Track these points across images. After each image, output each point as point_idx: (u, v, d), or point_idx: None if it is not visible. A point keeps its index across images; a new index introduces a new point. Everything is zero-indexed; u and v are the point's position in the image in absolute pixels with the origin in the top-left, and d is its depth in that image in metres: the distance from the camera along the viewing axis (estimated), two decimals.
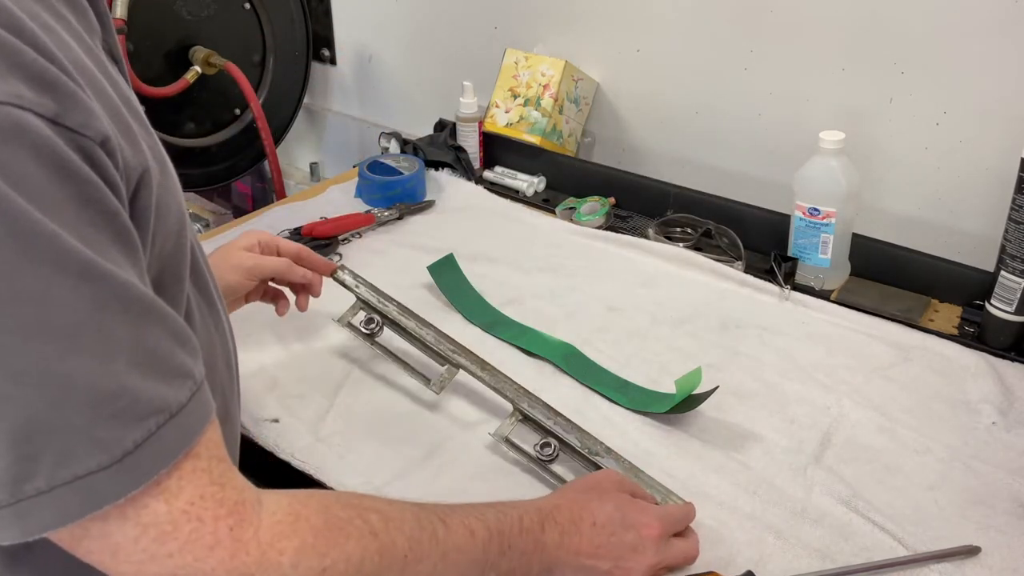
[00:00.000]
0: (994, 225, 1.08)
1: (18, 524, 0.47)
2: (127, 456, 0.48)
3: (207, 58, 1.62)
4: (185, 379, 0.51)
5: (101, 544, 0.50)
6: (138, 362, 0.48)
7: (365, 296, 0.98)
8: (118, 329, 0.48)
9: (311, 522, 0.56)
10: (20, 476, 0.46)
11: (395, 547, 0.59)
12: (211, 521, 0.51)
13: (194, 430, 0.52)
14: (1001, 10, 1.10)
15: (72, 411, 0.46)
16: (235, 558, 0.52)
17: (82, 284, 0.46)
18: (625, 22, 1.46)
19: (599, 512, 0.72)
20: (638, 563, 0.71)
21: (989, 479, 0.86)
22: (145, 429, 0.48)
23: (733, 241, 1.24)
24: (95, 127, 0.48)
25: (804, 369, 1.02)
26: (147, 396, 0.49)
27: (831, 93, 1.27)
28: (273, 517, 0.54)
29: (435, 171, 1.49)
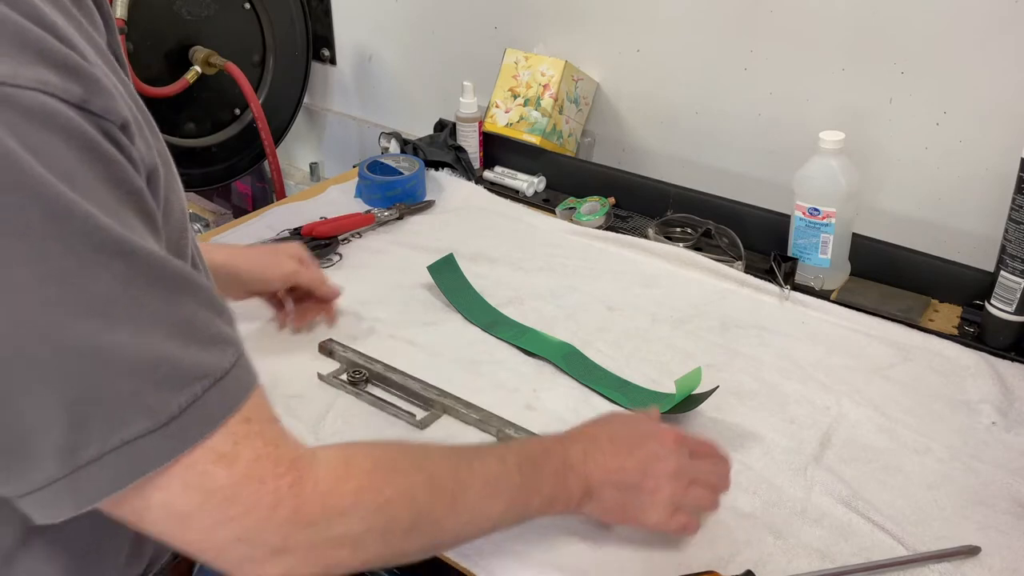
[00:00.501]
0: (994, 225, 1.08)
1: (71, 496, 0.49)
2: (173, 420, 0.49)
3: (207, 58, 1.62)
4: (226, 346, 0.53)
5: (166, 514, 0.52)
6: (176, 332, 0.50)
7: (353, 358, 1.01)
8: (153, 302, 0.49)
9: (362, 465, 0.59)
10: (73, 446, 0.48)
11: (441, 479, 0.63)
12: (271, 480, 0.54)
13: (239, 395, 0.54)
14: (1001, 10, 1.10)
15: (118, 380, 0.48)
16: (299, 512, 0.54)
17: (116, 261, 0.47)
18: (625, 22, 1.46)
19: (615, 430, 0.75)
20: (664, 469, 0.73)
21: (989, 479, 0.86)
22: (190, 394, 0.50)
23: (733, 241, 1.24)
24: (117, 111, 0.50)
25: (804, 369, 1.02)
26: (188, 363, 0.50)
27: (831, 93, 1.27)
28: (327, 465, 0.57)
29: (435, 171, 1.49)
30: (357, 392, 0.97)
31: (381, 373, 0.98)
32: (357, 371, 0.99)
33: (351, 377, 0.98)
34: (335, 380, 0.98)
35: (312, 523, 0.55)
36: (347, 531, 0.57)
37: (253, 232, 1.29)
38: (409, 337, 1.07)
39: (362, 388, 0.97)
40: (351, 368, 1.00)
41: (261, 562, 0.55)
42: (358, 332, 1.08)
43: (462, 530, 0.66)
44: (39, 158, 0.45)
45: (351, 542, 0.58)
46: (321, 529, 0.56)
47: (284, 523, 0.54)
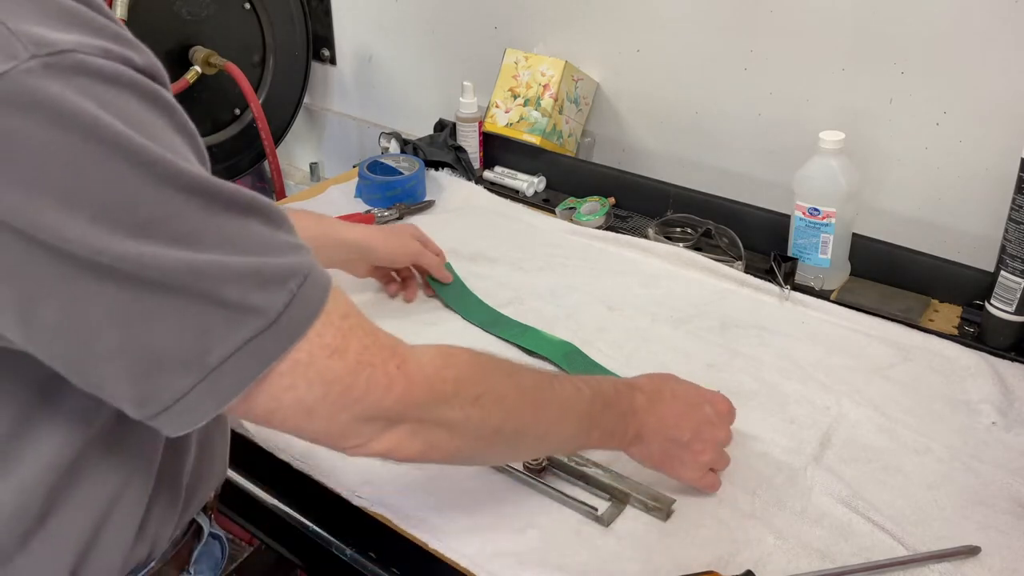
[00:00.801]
0: (994, 225, 1.08)
1: (211, 397, 0.54)
2: (280, 316, 0.54)
3: (207, 58, 1.62)
4: (299, 249, 0.57)
5: (296, 410, 0.58)
6: (258, 247, 0.54)
7: None
8: (232, 225, 0.54)
9: (461, 359, 0.67)
10: (202, 351, 0.52)
11: (526, 388, 0.71)
12: (380, 364, 0.60)
13: (325, 287, 0.58)
14: (1001, 10, 1.10)
15: (225, 289, 0.52)
16: (410, 391, 0.62)
17: (195, 196, 0.52)
18: (625, 22, 1.46)
19: (676, 387, 0.82)
20: (713, 436, 0.81)
21: (989, 479, 0.86)
22: (288, 291, 0.55)
23: (733, 241, 1.24)
24: (162, 74, 0.55)
25: (804, 369, 1.02)
26: (278, 267, 0.55)
27: (831, 93, 1.27)
28: (428, 355, 0.64)
29: (435, 171, 1.49)
30: None
31: None
32: None
33: None
34: None
35: (420, 402, 0.62)
36: (448, 415, 0.64)
37: None
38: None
39: None
40: None
41: (376, 437, 0.62)
42: None
43: (538, 442, 0.74)
44: (116, 114, 0.49)
45: (449, 425, 0.65)
46: (427, 409, 0.63)
47: (398, 400, 0.61)
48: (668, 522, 0.80)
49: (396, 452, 0.64)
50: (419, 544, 0.79)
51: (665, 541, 0.79)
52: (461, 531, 0.79)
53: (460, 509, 0.82)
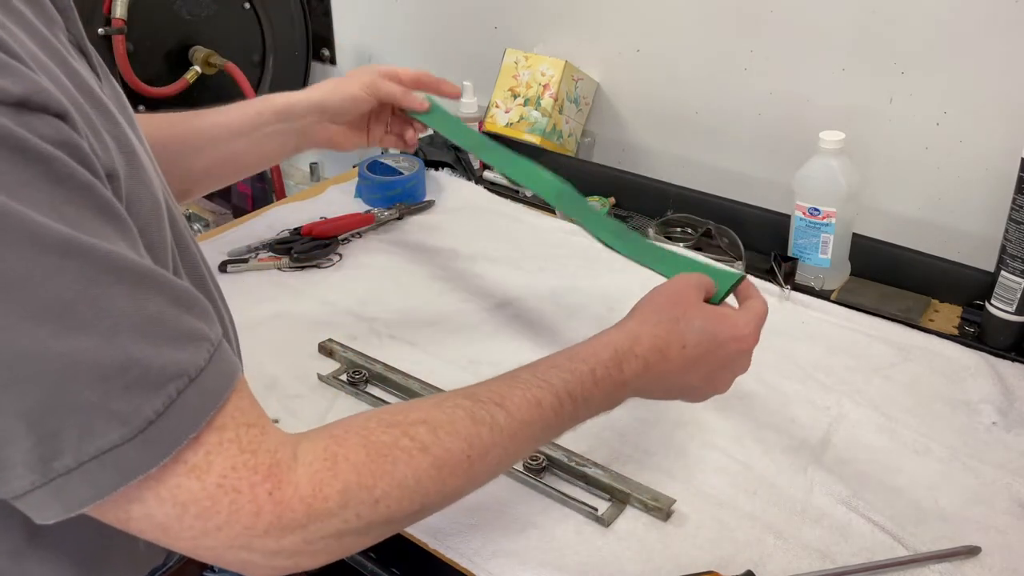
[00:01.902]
0: (994, 225, 1.08)
1: (58, 501, 0.48)
2: (150, 425, 0.47)
3: (207, 58, 1.63)
4: (200, 342, 0.51)
5: (149, 524, 0.51)
6: (143, 332, 0.48)
7: (352, 358, 1.00)
8: (114, 301, 0.47)
9: (351, 460, 0.55)
10: (46, 456, 0.46)
11: (452, 454, 0.59)
12: (248, 490, 0.51)
13: (219, 392, 0.51)
14: (1001, 10, 1.10)
15: (81, 388, 0.46)
16: (283, 518, 0.52)
17: (66, 260, 0.45)
18: (625, 22, 1.46)
19: (688, 332, 0.68)
20: (733, 374, 0.73)
21: (989, 479, 0.86)
22: (165, 396, 0.48)
23: (733, 241, 1.24)
24: (55, 105, 0.47)
25: (804, 369, 1.02)
26: (160, 363, 0.48)
27: (831, 93, 1.27)
28: (310, 468, 0.54)
29: (435, 171, 1.49)
30: (357, 392, 0.97)
31: (381, 373, 0.98)
32: (357, 371, 0.99)
33: (351, 377, 0.98)
34: (335, 380, 0.98)
35: (300, 526, 0.53)
36: (343, 527, 0.55)
37: (253, 232, 1.29)
38: (409, 337, 1.07)
39: (362, 388, 0.97)
40: (351, 368, 1.00)
41: (263, 564, 0.54)
42: (358, 332, 1.08)
43: (483, 484, 0.64)
44: None
45: (352, 532, 0.56)
46: (312, 531, 0.54)
47: (271, 528, 0.52)
48: (668, 522, 0.80)
49: (298, 570, 0.55)
50: (419, 544, 0.79)
51: (665, 541, 0.79)
52: (461, 531, 0.79)
53: (460, 509, 0.82)
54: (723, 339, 0.70)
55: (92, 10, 1.46)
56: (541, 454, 0.86)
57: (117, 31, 1.48)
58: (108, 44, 1.49)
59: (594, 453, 0.87)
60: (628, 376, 0.67)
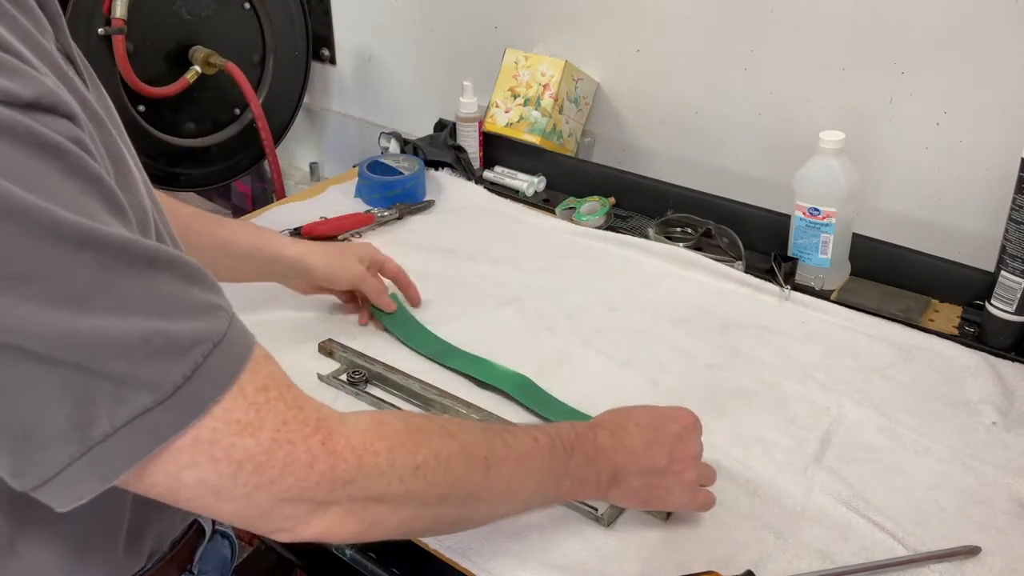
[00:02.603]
0: (994, 225, 1.08)
1: (95, 472, 0.49)
2: (178, 389, 0.49)
3: (207, 58, 1.62)
4: (216, 310, 0.52)
5: (201, 489, 0.52)
6: (159, 310, 0.49)
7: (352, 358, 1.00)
8: (130, 285, 0.49)
9: (395, 426, 0.60)
10: (83, 423, 0.48)
11: (474, 448, 0.64)
12: (301, 441, 0.54)
13: (242, 355, 0.53)
14: (1001, 10, 1.10)
15: (108, 360, 0.47)
16: (335, 468, 0.55)
17: (83, 251, 0.47)
18: (625, 22, 1.46)
19: (636, 415, 0.78)
20: (688, 451, 0.77)
21: (989, 479, 0.86)
22: (191, 361, 0.50)
23: (733, 241, 1.24)
24: (64, 106, 0.49)
25: (804, 369, 1.02)
26: (181, 332, 0.50)
27: (831, 93, 1.27)
28: (358, 426, 0.58)
29: (435, 171, 1.49)
30: (357, 392, 0.97)
31: (381, 373, 0.98)
32: (357, 371, 0.99)
33: (351, 377, 0.98)
34: (335, 380, 0.98)
35: (350, 479, 0.56)
36: (385, 490, 0.58)
37: None
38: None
39: (361, 388, 0.97)
40: (351, 368, 1.00)
41: (304, 519, 0.56)
42: (358, 332, 1.08)
43: (495, 505, 0.68)
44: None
45: (388, 500, 0.59)
46: (359, 486, 0.57)
47: (323, 479, 0.55)
48: (668, 522, 0.80)
49: (330, 535, 0.58)
50: (419, 544, 0.79)
51: (665, 541, 0.79)
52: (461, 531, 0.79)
53: None
54: (666, 417, 0.79)
55: (92, 10, 1.46)
56: None
57: (117, 31, 1.48)
58: (108, 44, 1.49)
59: None
60: (602, 442, 0.73)
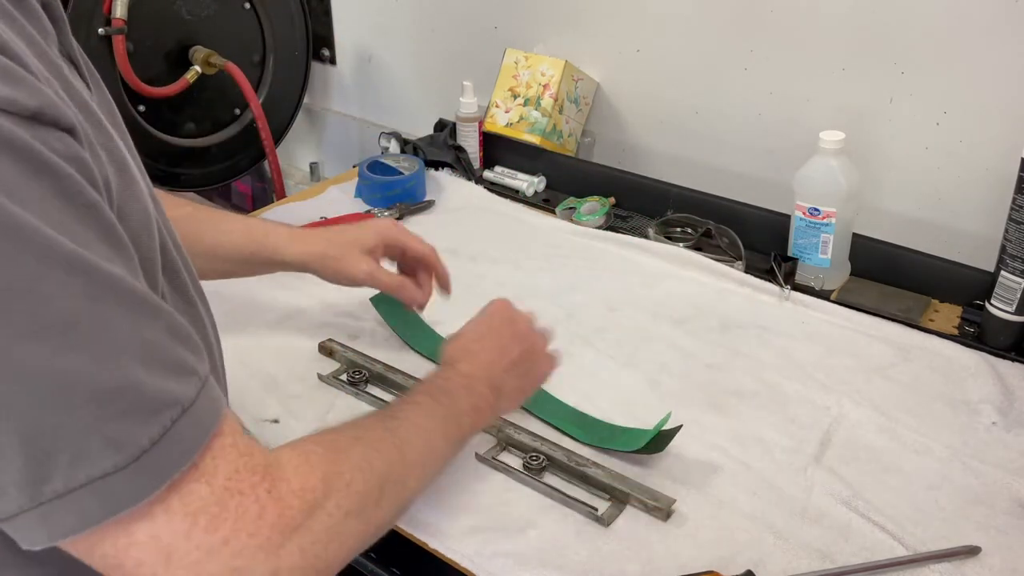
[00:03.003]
0: (994, 225, 1.08)
1: (43, 527, 0.47)
2: (144, 454, 0.46)
3: (207, 58, 1.62)
4: (190, 375, 0.50)
5: (152, 550, 0.49)
6: (141, 357, 0.47)
7: (353, 358, 1.00)
8: (116, 322, 0.46)
9: (318, 453, 0.59)
10: (36, 478, 0.45)
11: (381, 441, 0.64)
12: (250, 490, 0.52)
13: (210, 423, 0.51)
14: (1001, 10, 1.10)
15: (78, 409, 0.45)
16: (283, 516, 0.53)
17: (72, 277, 0.45)
18: (625, 22, 1.46)
19: (470, 334, 0.82)
20: (524, 329, 0.84)
21: (989, 479, 0.86)
22: (160, 425, 0.47)
23: (733, 241, 1.24)
24: (65, 119, 0.47)
25: (804, 369, 1.02)
26: (156, 390, 0.47)
27: (831, 93, 1.27)
28: (291, 463, 0.56)
29: (435, 171, 1.49)
30: (357, 392, 0.97)
31: (381, 373, 0.98)
32: (357, 371, 0.99)
33: (351, 377, 0.98)
34: (335, 380, 0.98)
35: (296, 525, 0.54)
36: (329, 523, 0.56)
37: None
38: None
39: (362, 388, 0.97)
40: (351, 368, 1.00)
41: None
42: (358, 332, 1.08)
43: (423, 474, 0.68)
44: None
45: (336, 534, 0.57)
46: (305, 532, 0.54)
47: (272, 531, 0.52)
48: (668, 522, 0.80)
49: None
50: (419, 544, 0.79)
51: (665, 541, 0.79)
52: (461, 531, 0.79)
53: (460, 509, 0.82)
54: (491, 317, 0.84)
55: (92, 10, 1.46)
56: (541, 454, 0.86)
57: (117, 31, 1.48)
58: (108, 44, 1.49)
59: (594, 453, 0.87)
60: (466, 371, 0.77)
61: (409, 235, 0.99)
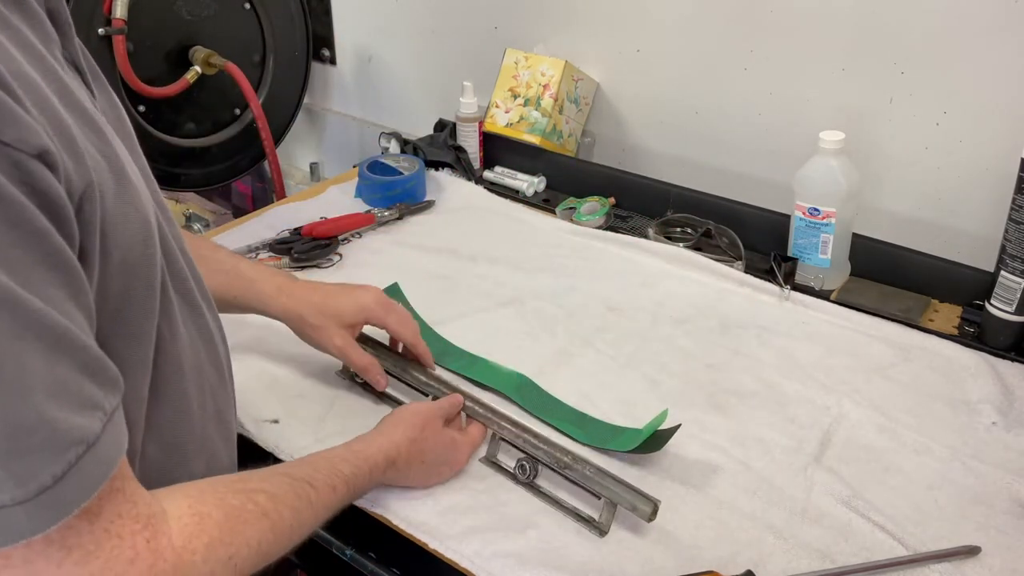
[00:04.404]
0: (994, 225, 1.08)
1: None
2: (46, 491, 0.47)
3: (207, 58, 1.62)
4: (95, 410, 0.50)
5: (22, 573, 0.50)
6: (53, 393, 0.48)
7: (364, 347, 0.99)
8: (34, 359, 0.47)
9: (213, 518, 0.60)
10: None
11: (283, 521, 0.66)
12: (129, 536, 0.53)
13: (112, 460, 0.51)
14: (1001, 10, 1.10)
15: None
16: (154, 567, 0.54)
17: (2, 312, 0.45)
18: (625, 22, 1.46)
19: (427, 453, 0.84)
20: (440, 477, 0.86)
21: (989, 479, 0.86)
22: (65, 462, 0.48)
23: (733, 241, 1.24)
24: (31, 141, 0.47)
25: (804, 369, 1.02)
26: (65, 427, 0.48)
27: (831, 93, 1.27)
28: (180, 521, 0.58)
29: (435, 171, 1.49)
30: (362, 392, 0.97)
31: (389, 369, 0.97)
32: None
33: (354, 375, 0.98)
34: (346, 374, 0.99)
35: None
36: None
37: (253, 232, 1.29)
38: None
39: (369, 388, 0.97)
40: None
41: None
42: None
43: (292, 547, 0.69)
44: None
45: None
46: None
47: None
48: (668, 522, 0.80)
49: None
50: (419, 544, 0.79)
51: (665, 541, 0.79)
52: (461, 531, 0.79)
53: (460, 509, 0.82)
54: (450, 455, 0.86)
55: (92, 10, 1.46)
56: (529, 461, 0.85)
57: (117, 31, 1.48)
58: (108, 44, 1.49)
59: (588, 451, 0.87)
60: (388, 477, 0.81)
61: (391, 315, 0.97)
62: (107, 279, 0.54)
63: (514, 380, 0.99)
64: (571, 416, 0.94)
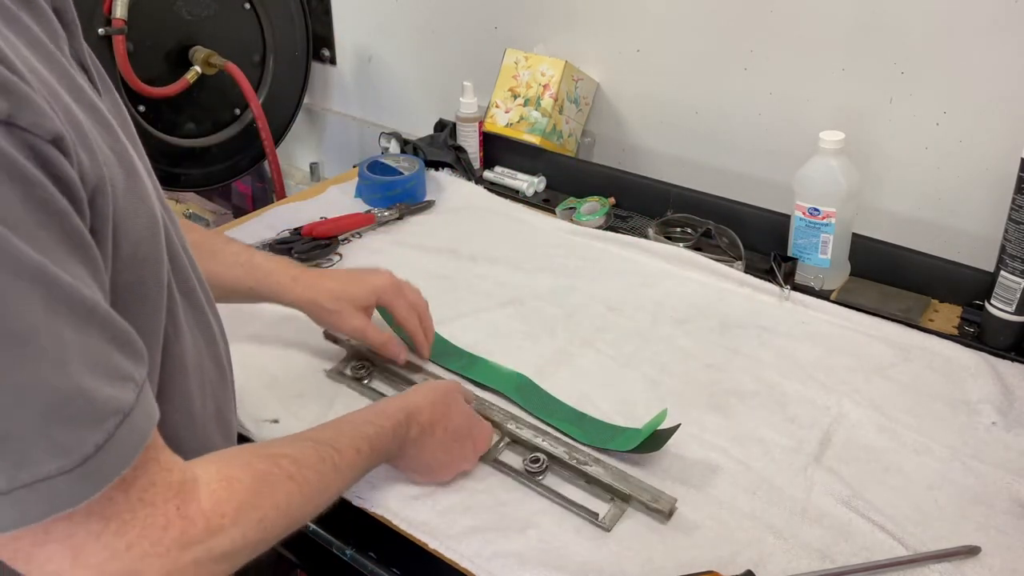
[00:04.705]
0: (994, 225, 1.08)
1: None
2: (89, 459, 0.48)
3: (207, 58, 1.62)
4: (126, 381, 0.52)
5: (62, 547, 0.51)
6: (88, 364, 0.49)
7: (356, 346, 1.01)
8: (68, 332, 0.48)
9: (242, 482, 0.61)
10: None
11: (309, 484, 0.67)
12: (162, 504, 0.55)
13: (145, 430, 0.53)
14: (1001, 10, 1.10)
15: (26, 417, 0.46)
16: (186, 533, 0.56)
17: (35, 288, 0.46)
18: (625, 22, 1.46)
19: (450, 421, 0.83)
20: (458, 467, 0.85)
21: (989, 479, 0.86)
22: (104, 431, 0.49)
23: (733, 241, 1.24)
24: (46, 126, 0.48)
25: (804, 369, 1.02)
26: (102, 397, 0.49)
27: (831, 93, 1.27)
28: (209, 487, 0.59)
29: (435, 171, 1.49)
30: (362, 389, 0.97)
31: (385, 365, 0.98)
32: (362, 366, 0.99)
33: (355, 373, 0.99)
34: (341, 376, 0.99)
35: (196, 541, 0.57)
36: (228, 548, 0.59)
37: (253, 232, 1.29)
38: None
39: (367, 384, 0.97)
40: (355, 358, 1.00)
41: None
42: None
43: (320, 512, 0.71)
44: None
45: (230, 556, 0.60)
46: (203, 548, 0.57)
47: (172, 544, 0.55)
48: (668, 522, 0.80)
49: None
50: (419, 544, 0.79)
51: (665, 541, 0.79)
52: (461, 531, 0.79)
53: (460, 509, 0.82)
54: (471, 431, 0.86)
55: (92, 10, 1.46)
56: (542, 454, 0.86)
57: (117, 31, 1.48)
58: (108, 44, 1.49)
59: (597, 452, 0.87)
60: (410, 436, 0.80)
61: (399, 298, 1.00)
62: (118, 273, 0.55)
63: (514, 380, 0.99)
64: (571, 416, 0.94)
